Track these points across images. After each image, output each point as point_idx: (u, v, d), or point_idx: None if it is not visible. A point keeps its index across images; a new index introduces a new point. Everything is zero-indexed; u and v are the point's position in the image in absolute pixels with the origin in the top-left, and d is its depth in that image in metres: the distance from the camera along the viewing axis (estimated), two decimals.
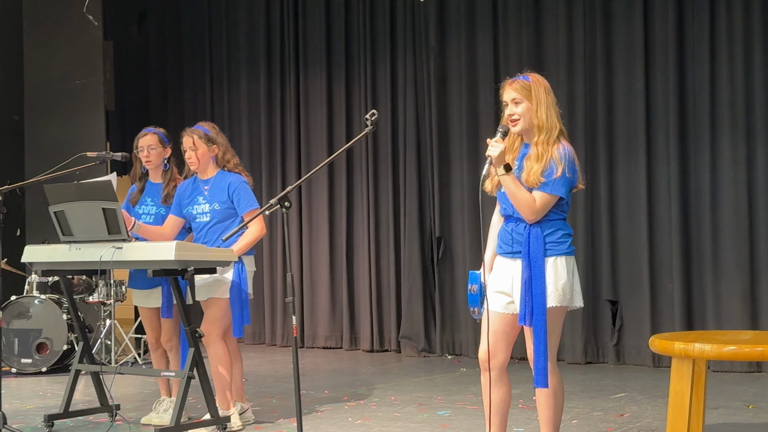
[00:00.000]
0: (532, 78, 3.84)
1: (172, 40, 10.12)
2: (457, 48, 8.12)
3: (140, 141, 5.33)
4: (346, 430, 4.97)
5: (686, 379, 2.63)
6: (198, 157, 5.11)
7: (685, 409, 2.61)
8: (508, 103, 3.82)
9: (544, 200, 3.74)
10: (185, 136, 5.13)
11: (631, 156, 7.27)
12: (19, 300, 7.59)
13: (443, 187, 8.15)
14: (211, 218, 5.06)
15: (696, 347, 2.53)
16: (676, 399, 2.66)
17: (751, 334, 2.87)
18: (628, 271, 7.26)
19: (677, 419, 2.64)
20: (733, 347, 2.50)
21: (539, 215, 3.76)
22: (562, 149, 3.77)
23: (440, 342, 8.14)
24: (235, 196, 5.05)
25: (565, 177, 3.74)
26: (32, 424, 5.24)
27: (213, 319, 5.00)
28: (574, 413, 5.29)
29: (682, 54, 7.06)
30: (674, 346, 2.60)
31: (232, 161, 5.20)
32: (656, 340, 2.72)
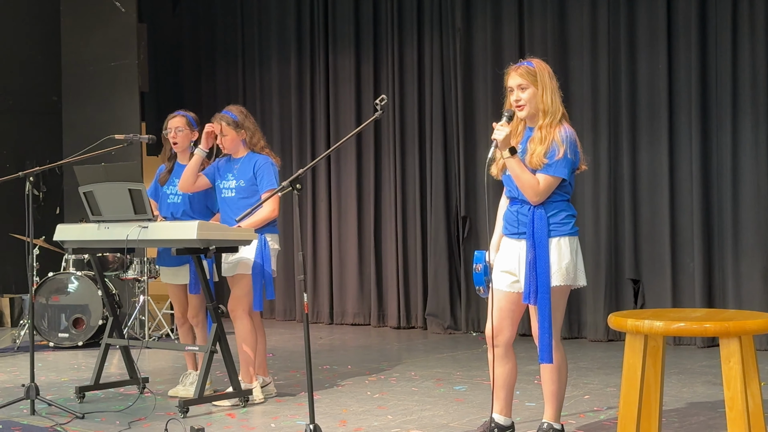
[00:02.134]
0: (536, 63, 3.95)
1: (205, 22, 10.31)
2: (483, 29, 8.20)
3: (169, 122, 5.51)
4: (363, 403, 5.13)
5: (638, 354, 2.75)
6: (226, 143, 5.29)
7: (637, 382, 2.73)
8: (514, 88, 3.94)
9: (547, 182, 3.86)
10: (214, 123, 5.31)
11: (653, 136, 7.32)
12: (56, 276, 7.86)
13: (469, 167, 8.26)
14: (236, 194, 5.25)
15: (645, 323, 2.66)
16: (629, 372, 2.79)
17: (704, 312, 2.98)
18: (650, 251, 7.33)
19: (630, 391, 2.77)
20: (682, 324, 2.62)
21: (543, 197, 3.88)
22: (564, 132, 3.88)
23: (465, 319, 8.29)
24: (259, 174, 5.23)
25: (567, 158, 3.85)
26: (65, 396, 5.47)
27: (239, 295, 5.19)
28: (587, 389, 5.41)
29: (705, 35, 7.08)
30: (627, 322, 2.73)
31: (259, 144, 5.37)
32: (612, 318, 2.85)
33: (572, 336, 7.59)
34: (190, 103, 10.10)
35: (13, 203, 9.16)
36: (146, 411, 4.95)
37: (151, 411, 4.93)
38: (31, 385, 4.93)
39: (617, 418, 4.50)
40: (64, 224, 5.42)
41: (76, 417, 4.82)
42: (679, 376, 5.75)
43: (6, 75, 9.83)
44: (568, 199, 3.98)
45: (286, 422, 4.69)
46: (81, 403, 5.25)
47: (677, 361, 6.30)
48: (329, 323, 9.20)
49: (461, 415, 4.77)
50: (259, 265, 5.14)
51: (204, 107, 10.06)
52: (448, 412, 4.84)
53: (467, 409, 4.92)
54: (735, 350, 2.61)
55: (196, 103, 10.13)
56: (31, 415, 4.91)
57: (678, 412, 4.75)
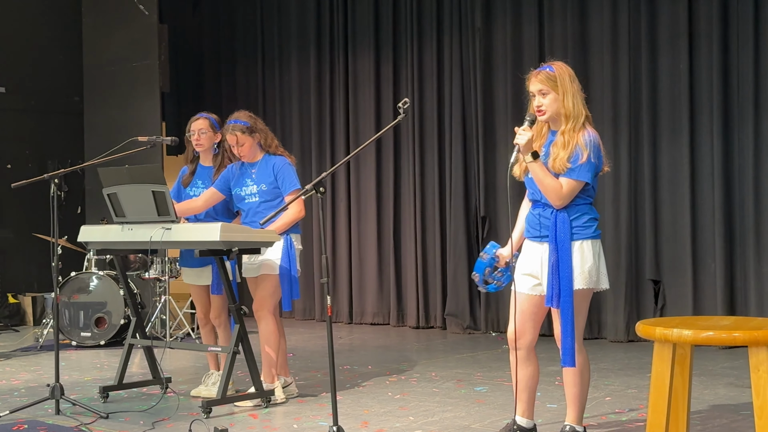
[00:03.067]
0: (557, 67, 3.95)
1: (225, 23, 10.36)
2: (503, 30, 8.20)
3: (192, 125, 5.53)
4: (385, 404, 5.15)
5: (667, 362, 2.75)
6: (244, 151, 5.30)
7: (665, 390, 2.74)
8: (535, 94, 3.94)
9: (570, 186, 3.86)
10: (228, 135, 5.29)
11: (674, 136, 7.30)
12: (78, 276, 7.92)
13: (488, 167, 8.26)
14: (259, 198, 5.26)
15: (674, 332, 2.66)
16: (658, 380, 2.79)
17: (732, 320, 2.97)
18: (671, 251, 7.31)
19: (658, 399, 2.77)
20: (711, 333, 2.62)
21: (566, 201, 3.89)
22: (588, 135, 3.88)
23: (485, 319, 8.29)
24: (280, 176, 5.25)
25: (591, 162, 3.86)
26: (89, 395, 5.52)
27: (264, 295, 5.21)
28: (608, 390, 5.41)
29: (727, 34, 7.04)
30: (655, 331, 2.73)
31: (273, 144, 5.39)
32: (640, 326, 2.85)
33: (592, 337, 7.58)
34: (210, 104, 10.15)
35: (36, 203, 9.25)
36: (169, 411, 4.99)
37: (175, 411, 4.97)
38: (56, 384, 4.98)
39: (640, 421, 4.53)
40: (87, 225, 5.46)
41: (100, 417, 4.86)
42: (701, 378, 5.73)
43: (28, 75, 9.92)
44: (590, 203, 3.99)
45: (308, 423, 4.71)
46: (105, 402, 5.30)
47: (699, 363, 6.28)
48: (348, 323, 9.22)
49: (483, 416, 4.78)
50: (286, 266, 5.17)
51: (224, 108, 10.08)
52: (469, 414, 4.85)
53: (488, 410, 4.93)
54: (764, 359, 2.60)
55: (216, 103, 10.17)
56: (56, 414, 4.96)
57: (700, 414, 4.75)
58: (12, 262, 9.64)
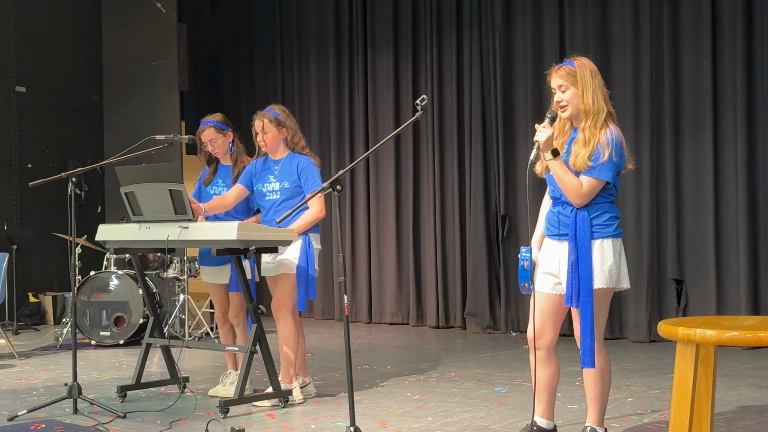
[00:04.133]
0: (578, 63, 3.88)
1: (244, 22, 10.34)
2: (523, 27, 8.13)
3: (201, 137, 5.49)
4: (403, 404, 5.11)
5: (690, 363, 2.69)
6: (267, 140, 5.27)
7: (688, 391, 2.67)
8: (556, 89, 3.88)
9: (590, 185, 3.80)
10: (256, 120, 5.30)
11: (697, 134, 7.20)
12: (98, 275, 7.93)
13: (508, 166, 8.20)
14: (280, 196, 5.23)
15: (697, 332, 2.59)
16: (680, 381, 2.72)
17: (757, 320, 2.90)
18: (694, 250, 7.22)
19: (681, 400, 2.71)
20: (735, 333, 2.55)
21: (586, 199, 3.82)
22: (610, 134, 3.81)
23: (505, 319, 8.22)
24: (303, 175, 5.21)
25: (612, 161, 3.79)
26: (107, 395, 5.51)
27: (282, 295, 5.18)
28: (630, 391, 5.33)
29: (750, 30, 6.94)
30: (678, 331, 2.66)
31: (299, 143, 5.35)
32: (662, 326, 2.78)
33: (614, 337, 7.50)
34: (228, 103, 10.16)
35: (56, 202, 9.27)
36: (187, 411, 4.97)
37: (192, 411, 4.94)
38: (74, 384, 4.97)
39: (662, 423, 4.45)
40: (105, 224, 5.45)
41: (117, 416, 4.84)
42: (725, 379, 5.65)
43: (48, 75, 9.95)
44: (612, 201, 3.92)
45: (325, 423, 4.67)
46: (122, 402, 5.29)
47: (722, 363, 6.16)
48: (368, 322, 9.18)
49: (502, 417, 4.73)
50: (304, 265, 5.13)
51: (243, 106, 10.11)
52: (488, 414, 4.79)
53: (508, 411, 4.87)
54: None
55: (235, 102, 10.17)
56: (73, 414, 4.94)
57: (724, 416, 4.67)
58: (33, 262, 9.67)
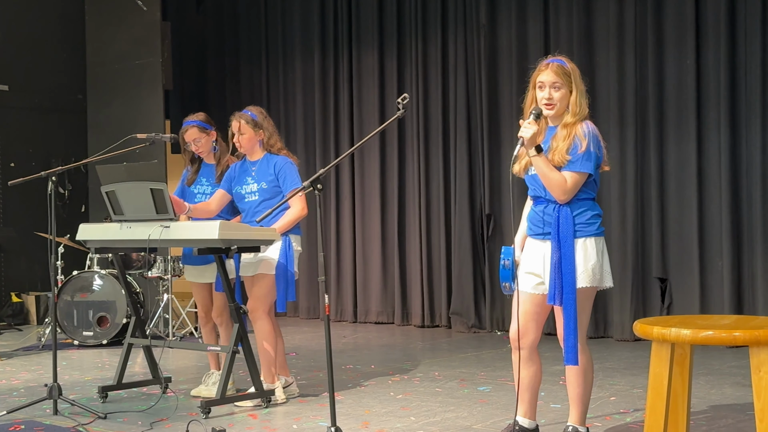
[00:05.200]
0: (569, 64, 3.87)
1: (229, 19, 10.30)
2: (508, 26, 8.13)
3: (185, 137, 5.46)
4: (386, 404, 5.09)
5: (665, 362, 2.68)
6: (243, 141, 5.25)
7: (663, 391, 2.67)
8: (546, 85, 3.84)
9: (573, 179, 3.79)
10: (233, 120, 5.28)
11: (681, 133, 7.22)
12: (81, 275, 7.89)
13: (493, 165, 8.19)
14: (259, 197, 5.21)
15: (672, 331, 2.58)
16: (656, 381, 2.72)
17: (733, 319, 2.90)
18: (678, 249, 7.23)
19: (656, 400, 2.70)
20: (710, 332, 2.55)
21: (570, 195, 3.81)
22: (586, 127, 3.83)
23: (490, 318, 8.22)
24: (281, 175, 5.19)
25: (591, 152, 3.78)
26: (88, 395, 5.47)
27: (259, 295, 5.15)
28: (613, 390, 5.33)
29: (734, 30, 6.96)
30: (653, 330, 2.65)
31: (276, 145, 5.33)
32: (638, 325, 2.77)
33: (598, 336, 7.51)
34: (213, 101, 10.12)
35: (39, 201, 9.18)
36: (168, 411, 4.94)
37: (174, 411, 4.92)
38: (54, 384, 4.93)
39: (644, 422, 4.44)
40: (86, 223, 5.41)
41: (98, 417, 4.81)
42: (707, 378, 5.66)
43: (31, 74, 9.88)
44: (593, 198, 3.92)
45: (308, 423, 4.65)
46: (104, 402, 5.25)
47: (705, 362, 6.21)
48: (353, 322, 9.17)
49: (485, 416, 4.72)
50: (283, 266, 5.11)
51: (228, 105, 10.06)
52: (471, 414, 4.78)
53: (491, 410, 4.86)
54: (765, 359, 2.53)
55: (220, 100, 10.14)
56: (53, 414, 4.91)
57: (705, 414, 4.67)
58: (16, 261, 9.61)
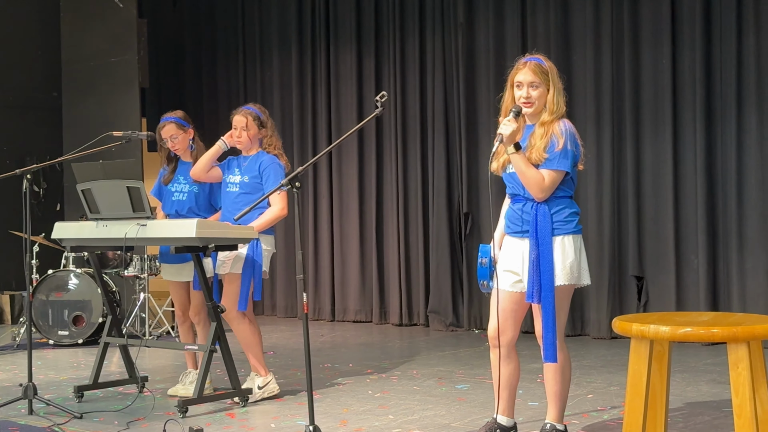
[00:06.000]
0: (547, 62, 3.88)
1: (206, 17, 10.26)
2: (485, 25, 8.14)
3: (162, 133, 5.44)
4: (364, 402, 5.09)
5: (644, 359, 2.69)
6: (248, 136, 5.27)
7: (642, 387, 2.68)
8: (524, 84, 3.86)
9: (551, 177, 3.81)
10: (238, 115, 5.29)
11: (657, 131, 7.26)
12: (56, 274, 7.82)
13: (471, 163, 8.20)
14: (239, 189, 5.21)
15: (651, 328, 2.60)
16: (634, 378, 2.73)
17: (710, 316, 2.92)
18: (654, 247, 7.28)
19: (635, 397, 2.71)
20: (689, 329, 2.56)
21: (548, 193, 3.83)
22: (563, 125, 3.85)
23: (468, 316, 8.23)
24: (265, 174, 5.19)
25: (567, 150, 3.80)
26: (64, 395, 5.43)
27: (233, 294, 5.14)
28: (591, 387, 5.36)
29: (709, 30, 7.01)
30: (632, 327, 2.67)
31: (272, 146, 5.34)
32: (617, 322, 2.78)
33: (575, 334, 7.54)
34: (190, 99, 10.07)
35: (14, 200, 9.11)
36: (145, 411, 4.91)
37: (150, 411, 4.89)
38: (29, 384, 4.89)
39: (622, 419, 4.46)
40: (62, 222, 5.37)
41: (74, 417, 4.77)
42: (684, 375, 5.70)
43: (6, 71, 9.78)
44: (571, 196, 3.94)
45: (286, 422, 4.64)
46: (79, 402, 5.21)
47: (681, 359, 6.25)
48: (331, 320, 9.15)
49: (463, 414, 4.72)
50: (250, 265, 5.10)
51: (205, 102, 10.04)
52: (449, 412, 4.79)
53: (469, 408, 4.87)
54: (743, 356, 2.55)
55: (197, 98, 10.09)
56: (28, 414, 4.86)
57: (682, 411, 4.70)
58: None
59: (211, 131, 5.65)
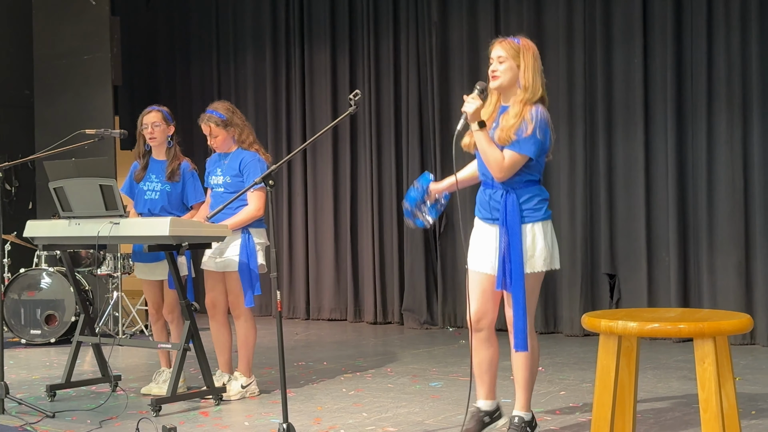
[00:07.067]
0: (523, 41, 3.92)
1: (180, 15, 10.22)
2: (459, 23, 8.18)
3: (144, 118, 5.42)
4: (338, 400, 5.10)
5: (612, 355, 2.73)
6: (217, 143, 5.26)
7: (611, 383, 2.72)
8: (494, 59, 3.90)
9: (512, 159, 3.82)
10: (203, 125, 5.26)
11: (629, 130, 7.32)
12: (28, 272, 7.77)
13: (445, 161, 8.22)
14: (224, 190, 5.21)
15: (619, 324, 2.64)
16: (603, 373, 2.77)
17: (678, 312, 2.96)
18: (626, 245, 7.34)
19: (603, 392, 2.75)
20: (656, 324, 2.60)
21: (507, 174, 3.83)
22: (536, 110, 3.84)
23: (442, 314, 8.27)
24: (245, 171, 5.18)
25: (536, 137, 3.80)
26: (36, 394, 5.40)
27: (237, 295, 5.17)
28: (563, 384, 5.40)
29: (680, 30, 7.08)
30: (600, 323, 2.70)
31: (248, 140, 5.31)
32: (586, 318, 2.82)
33: (548, 331, 7.59)
34: (164, 97, 10.01)
35: None
36: (118, 410, 4.89)
37: (123, 409, 4.87)
38: (1, 383, 4.85)
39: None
40: (34, 220, 5.34)
41: (46, 416, 4.75)
42: (655, 372, 5.75)
43: None
44: (538, 181, 3.94)
45: (259, 420, 4.64)
46: (52, 401, 5.18)
47: (653, 356, 6.31)
48: (305, 319, 9.15)
49: (436, 412, 4.74)
50: (246, 262, 5.10)
51: (179, 101, 9.99)
52: (423, 409, 4.81)
53: (443, 405, 4.89)
54: (709, 351, 2.59)
55: (171, 96, 10.04)
56: (0, 414, 4.83)
57: (653, 407, 4.75)
58: None
59: (185, 129, 5.64)
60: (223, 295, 5.28)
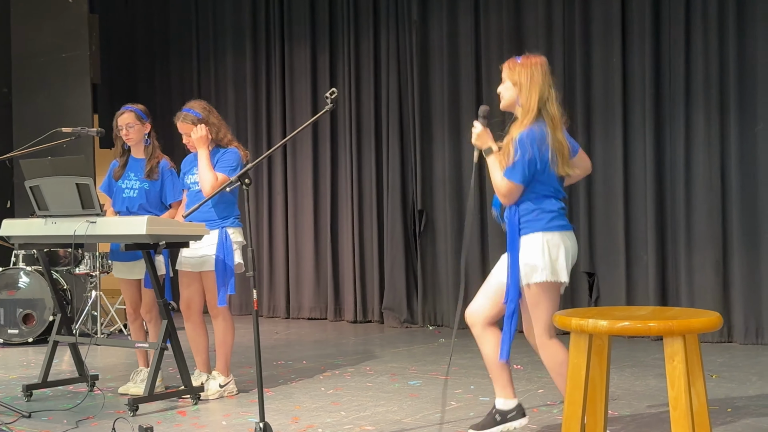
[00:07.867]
0: (523, 59, 3.86)
1: (159, 12, 10.18)
2: (439, 22, 8.19)
3: (118, 120, 5.40)
4: (317, 399, 5.09)
5: (583, 353, 2.74)
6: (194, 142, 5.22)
7: (581, 381, 2.73)
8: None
9: (506, 186, 3.82)
10: (179, 123, 5.24)
11: (607, 130, 7.35)
12: (5, 272, 7.71)
13: (425, 161, 8.24)
14: (198, 188, 5.18)
15: (590, 323, 2.64)
16: (574, 371, 2.78)
17: (649, 310, 2.97)
18: (605, 244, 7.37)
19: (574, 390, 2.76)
20: (627, 323, 2.61)
21: (510, 199, 3.84)
22: (520, 135, 3.77)
23: (422, 313, 8.27)
24: (219, 163, 5.17)
25: (518, 163, 3.75)
26: (13, 394, 5.36)
27: (212, 291, 5.16)
28: (541, 383, 5.41)
29: (658, 29, 7.12)
30: (571, 321, 2.71)
31: (225, 138, 5.30)
32: (557, 317, 2.83)
33: None
34: (143, 95, 9.97)
35: None
36: (95, 409, 4.87)
37: (100, 409, 4.85)
38: None
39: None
40: (10, 219, 5.31)
41: (22, 416, 4.72)
42: (632, 369, 5.78)
43: None
44: (546, 195, 3.85)
45: (237, 419, 4.63)
46: (28, 401, 5.15)
47: (630, 353, 6.34)
48: (286, 317, 9.15)
49: (415, 410, 4.75)
50: (221, 260, 5.09)
51: (158, 99, 9.95)
52: (401, 408, 4.81)
53: (421, 404, 4.90)
54: (679, 349, 2.60)
55: (150, 94, 10.01)
56: None
57: (630, 405, 4.77)
58: None
59: (164, 128, 5.60)
60: (198, 295, 5.27)
